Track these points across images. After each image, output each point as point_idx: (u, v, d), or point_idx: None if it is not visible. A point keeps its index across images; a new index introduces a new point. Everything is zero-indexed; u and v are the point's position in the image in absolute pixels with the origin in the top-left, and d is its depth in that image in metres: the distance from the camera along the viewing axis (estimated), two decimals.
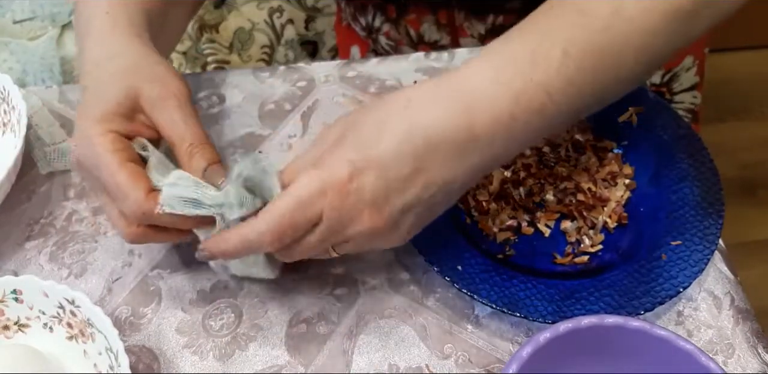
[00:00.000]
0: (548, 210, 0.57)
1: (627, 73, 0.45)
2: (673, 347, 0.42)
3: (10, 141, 0.59)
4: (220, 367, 0.50)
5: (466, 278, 0.50)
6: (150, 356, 0.50)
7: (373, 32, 0.81)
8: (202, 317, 0.52)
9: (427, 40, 0.77)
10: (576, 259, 0.54)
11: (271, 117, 0.63)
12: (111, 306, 0.53)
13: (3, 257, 0.55)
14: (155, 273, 0.54)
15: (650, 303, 0.49)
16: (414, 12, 0.75)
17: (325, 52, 1.08)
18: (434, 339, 0.51)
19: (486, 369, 0.50)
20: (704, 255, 0.51)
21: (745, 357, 0.50)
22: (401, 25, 0.77)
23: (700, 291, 0.53)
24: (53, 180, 0.59)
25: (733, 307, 0.52)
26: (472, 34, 0.75)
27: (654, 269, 0.51)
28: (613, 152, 0.59)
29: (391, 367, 0.50)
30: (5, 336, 0.51)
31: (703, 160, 0.56)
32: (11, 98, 0.58)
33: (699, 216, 0.53)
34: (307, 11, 1.03)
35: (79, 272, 0.54)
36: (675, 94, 0.83)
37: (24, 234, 0.56)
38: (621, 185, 0.57)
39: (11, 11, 0.89)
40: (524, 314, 0.49)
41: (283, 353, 0.50)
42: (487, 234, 0.55)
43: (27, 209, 0.58)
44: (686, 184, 0.55)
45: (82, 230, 0.56)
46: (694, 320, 0.52)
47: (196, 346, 0.51)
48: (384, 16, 0.78)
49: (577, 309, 0.49)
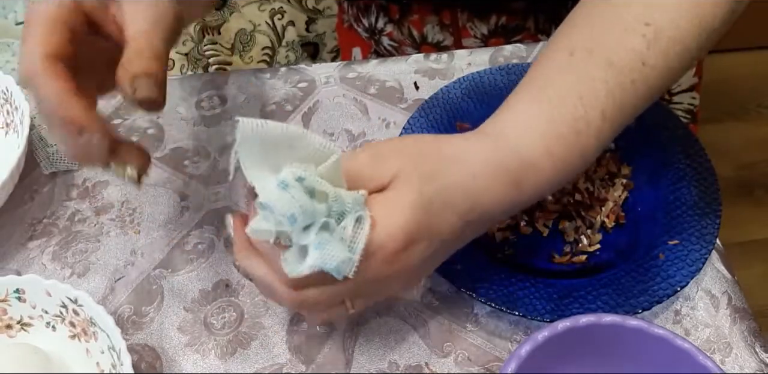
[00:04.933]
0: (546, 210, 0.57)
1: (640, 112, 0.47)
2: (671, 346, 0.42)
3: (13, 141, 0.59)
4: (221, 366, 0.50)
5: (465, 277, 0.50)
6: (152, 354, 0.51)
7: (375, 33, 0.81)
8: (204, 315, 0.52)
9: (430, 41, 0.78)
10: (574, 258, 0.55)
11: (273, 118, 0.63)
12: (113, 304, 0.53)
13: (6, 257, 0.55)
14: (157, 272, 0.55)
15: (648, 302, 0.49)
16: (417, 13, 0.76)
17: (326, 54, 1.08)
18: (434, 338, 0.51)
19: (485, 368, 0.50)
20: (702, 255, 0.51)
21: (743, 356, 0.51)
22: (404, 26, 0.77)
23: (698, 290, 0.54)
24: (56, 180, 0.60)
25: (731, 306, 0.53)
26: (475, 34, 0.75)
27: (652, 269, 0.51)
28: (611, 152, 0.59)
29: (391, 365, 0.50)
30: (8, 335, 0.51)
31: (700, 160, 0.56)
32: (14, 99, 0.59)
33: (696, 216, 0.54)
34: (308, 13, 1.04)
35: (82, 271, 0.55)
36: (674, 94, 0.83)
37: (27, 234, 0.57)
38: (619, 185, 0.58)
39: (14, 12, 0.89)
40: (523, 313, 0.49)
41: (284, 351, 0.51)
42: (485, 234, 0.56)
43: (30, 209, 0.58)
44: (684, 184, 0.56)
45: (84, 230, 0.57)
46: (692, 319, 0.52)
47: (198, 345, 0.51)
48: (387, 17, 0.78)
49: (576, 307, 0.50)
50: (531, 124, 0.43)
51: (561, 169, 0.43)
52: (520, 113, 0.44)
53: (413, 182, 0.39)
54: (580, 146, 0.43)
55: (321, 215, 0.37)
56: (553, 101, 0.44)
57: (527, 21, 0.74)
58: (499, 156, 0.42)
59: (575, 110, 0.43)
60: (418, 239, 0.39)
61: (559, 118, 0.43)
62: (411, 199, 0.39)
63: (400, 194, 0.39)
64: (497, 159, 0.42)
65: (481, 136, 0.44)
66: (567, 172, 0.44)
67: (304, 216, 0.36)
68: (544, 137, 0.43)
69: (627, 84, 0.44)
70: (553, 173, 0.43)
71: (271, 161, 0.38)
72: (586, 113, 0.43)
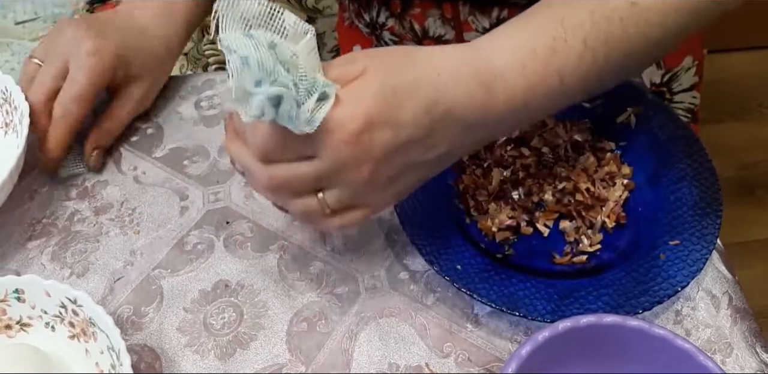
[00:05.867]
0: (547, 210, 0.57)
1: (634, 62, 0.47)
2: (672, 346, 0.42)
3: (13, 141, 0.59)
4: (221, 366, 0.50)
5: (466, 278, 0.50)
6: (152, 355, 0.51)
7: (377, 28, 0.81)
8: (203, 316, 0.52)
9: (431, 35, 0.78)
10: (574, 259, 0.55)
11: None
12: (113, 305, 0.53)
13: (5, 257, 0.55)
14: (157, 273, 0.54)
15: (648, 303, 0.49)
16: (419, 6, 0.76)
17: (326, 53, 1.08)
18: (434, 338, 0.51)
19: (485, 368, 0.50)
20: (702, 255, 0.51)
21: (743, 357, 0.51)
22: (406, 20, 0.77)
23: (699, 290, 0.53)
24: (55, 180, 0.60)
25: (731, 306, 0.53)
26: (476, 28, 0.75)
27: (652, 269, 0.51)
28: (612, 152, 0.59)
29: (391, 366, 0.50)
30: (7, 335, 0.51)
31: (701, 160, 0.56)
32: (13, 99, 0.58)
33: (697, 216, 0.54)
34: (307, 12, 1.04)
35: (81, 271, 0.55)
36: (675, 94, 0.83)
37: (26, 234, 0.57)
38: (619, 185, 0.58)
39: (13, 12, 0.89)
40: (523, 313, 0.49)
41: (284, 352, 0.51)
42: (486, 234, 0.56)
43: (29, 209, 0.58)
44: (684, 184, 0.56)
45: (84, 230, 0.57)
46: (693, 319, 0.52)
47: (198, 345, 0.51)
48: (389, 11, 0.78)
49: (576, 308, 0.49)
50: (507, 41, 0.44)
51: (535, 84, 0.43)
52: (499, 34, 0.45)
53: (378, 75, 0.41)
54: (556, 65, 0.43)
55: (283, 82, 0.38)
56: (533, 24, 0.45)
57: None
58: (467, 58, 0.43)
59: (554, 31, 0.44)
60: (379, 124, 0.40)
61: (536, 36, 0.44)
62: (374, 88, 0.40)
63: (365, 84, 0.41)
64: (465, 60, 0.43)
65: (456, 45, 0.45)
66: (542, 89, 0.44)
67: (260, 68, 0.37)
68: (518, 52, 0.43)
69: (614, 19, 0.44)
70: (525, 86, 0.43)
71: (250, 28, 0.39)
72: (565, 34, 0.44)
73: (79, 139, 0.60)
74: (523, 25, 0.45)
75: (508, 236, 0.56)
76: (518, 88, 0.43)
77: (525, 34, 0.44)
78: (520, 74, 0.43)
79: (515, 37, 0.45)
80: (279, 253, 0.55)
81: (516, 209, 0.57)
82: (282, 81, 0.37)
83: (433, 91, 0.41)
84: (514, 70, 0.43)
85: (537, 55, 0.43)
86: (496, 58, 0.43)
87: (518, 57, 0.43)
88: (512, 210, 0.57)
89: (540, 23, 0.45)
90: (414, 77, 0.42)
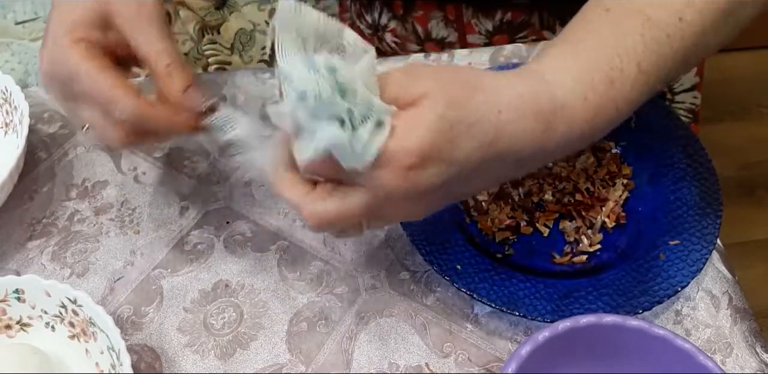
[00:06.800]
0: (547, 210, 0.57)
1: (675, 73, 0.47)
2: (672, 346, 0.42)
3: (12, 141, 0.59)
4: (221, 366, 0.50)
5: (466, 278, 0.50)
6: (152, 355, 0.51)
7: (379, 30, 0.81)
8: (203, 316, 0.52)
9: (434, 37, 0.78)
10: (574, 259, 0.55)
11: None
12: (113, 305, 0.53)
13: (5, 257, 0.55)
14: (157, 273, 0.54)
15: (648, 303, 0.49)
16: (421, 8, 0.75)
17: None
18: (434, 338, 0.51)
19: (485, 368, 0.50)
20: (702, 255, 0.51)
21: (743, 357, 0.51)
22: (408, 22, 0.77)
23: (699, 290, 0.53)
24: (55, 180, 0.60)
25: (731, 306, 0.53)
26: (479, 30, 0.75)
27: (652, 269, 0.51)
28: (612, 152, 0.59)
29: (391, 366, 0.50)
30: (7, 335, 0.51)
31: (701, 160, 0.56)
32: (13, 99, 0.58)
33: (697, 216, 0.54)
34: None
35: (81, 271, 0.55)
36: (676, 94, 0.83)
37: (26, 234, 0.57)
38: (619, 185, 0.58)
39: (13, 12, 0.89)
40: (523, 313, 0.49)
41: (284, 351, 0.51)
42: (486, 234, 0.56)
43: (29, 209, 0.58)
44: (685, 184, 0.56)
45: (84, 230, 0.57)
46: (693, 319, 0.52)
47: (198, 345, 0.51)
48: (391, 12, 0.78)
49: (576, 308, 0.49)
50: (567, 69, 0.43)
51: (594, 116, 0.43)
52: (557, 60, 0.44)
53: (438, 105, 0.39)
54: (614, 95, 0.43)
55: (339, 110, 0.36)
56: (589, 51, 0.44)
57: (532, 17, 0.74)
58: (533, 91, 0.42)
59: (611, 60, 0.43)
60: (432, 159, 0.39)
61: (594, 66, 0.43)
62: (432, 120, 0.39)
63: (423, 114, 0.39)
64: (530, 94, 0.42)
65: (519, 72, 0.44)
66: (599, 122, 0.43)
67: (317, 100, 0.35)
68: (580, 82, 0.43)
69: (662, 38, 0.44)
70: (585, 120, 0.43)
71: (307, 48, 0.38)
72: (621, 63, 0.43)
73: None
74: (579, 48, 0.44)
75: (508, 236, 0.56)
76: (577, 121, 0.42)
77: (582, 62, 0.44)
78: (581, 108, 0.42)
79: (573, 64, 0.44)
80: (279, 253, 0.55)
81: (516, 209, 0.57)
82: (337, 112, 0.36)
83: (492, 130, 0.40)
84: (577, 101, 0.42)
85: (599, 86, 0.43)
86: (559, 89, 0.42)
87: (580, 88, 0.43)
88: (512, 210, 0.57)
89: (595, 49, 0.44)
90: (474, 111, 0.40)
